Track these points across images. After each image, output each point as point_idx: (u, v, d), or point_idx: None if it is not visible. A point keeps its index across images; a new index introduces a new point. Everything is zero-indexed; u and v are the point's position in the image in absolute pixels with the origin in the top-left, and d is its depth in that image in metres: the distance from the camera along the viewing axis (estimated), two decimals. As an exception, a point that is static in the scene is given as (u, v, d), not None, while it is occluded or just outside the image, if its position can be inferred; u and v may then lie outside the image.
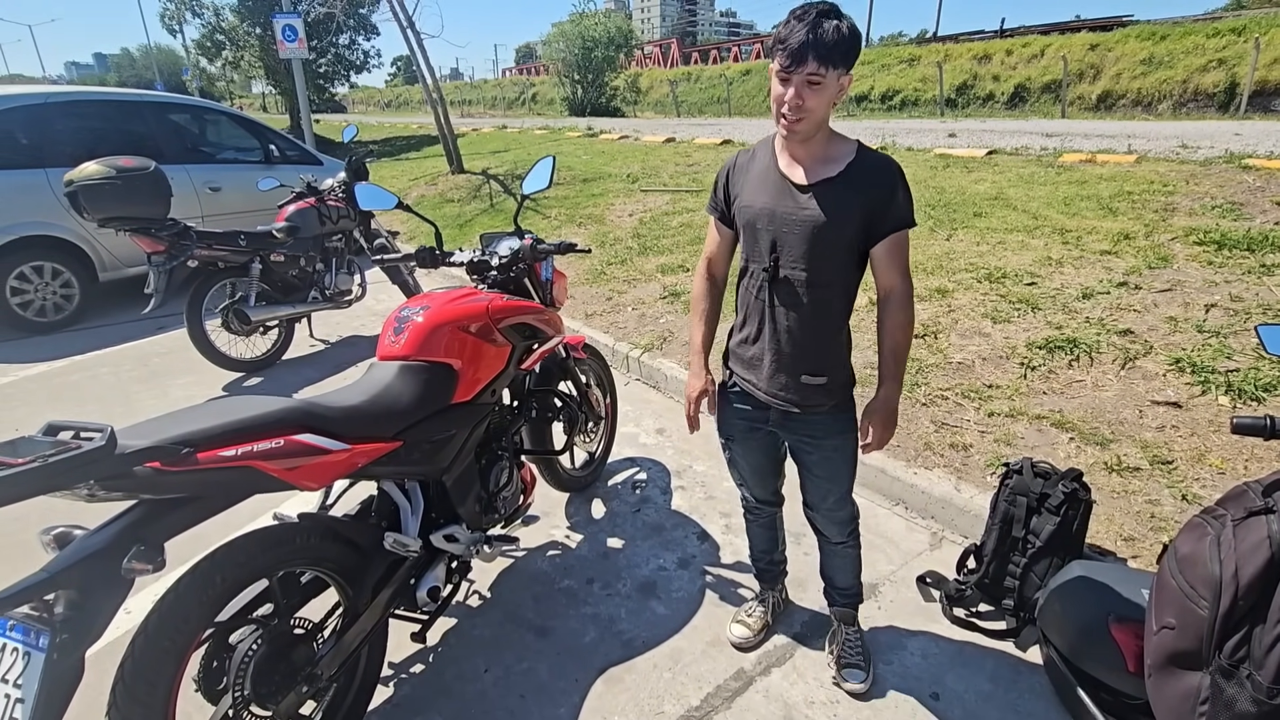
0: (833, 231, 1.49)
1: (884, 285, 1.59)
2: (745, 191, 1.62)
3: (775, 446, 1.85)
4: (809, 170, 1.52)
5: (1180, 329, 3.26)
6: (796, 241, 1.52)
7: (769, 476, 1.92)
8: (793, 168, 1.54)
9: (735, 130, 12.54)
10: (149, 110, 5.71)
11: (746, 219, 1.61)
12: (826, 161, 1.51)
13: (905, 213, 1.51)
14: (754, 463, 1.88)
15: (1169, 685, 1.31)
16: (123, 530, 1.20)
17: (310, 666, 1.51)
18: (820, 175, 1.50)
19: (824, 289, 1.56)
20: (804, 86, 1.37)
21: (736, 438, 1.85)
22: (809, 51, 1.33)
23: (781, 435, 1.77)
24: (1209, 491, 2.36)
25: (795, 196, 1.52)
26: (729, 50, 35.28)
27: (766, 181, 1.57)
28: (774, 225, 1.54)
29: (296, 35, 11.23)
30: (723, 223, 1.73)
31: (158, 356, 4.38)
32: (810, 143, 1.50)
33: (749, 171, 1.63)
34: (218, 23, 23.24)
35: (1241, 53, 14.06)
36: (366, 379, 1.72)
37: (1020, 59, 18.16)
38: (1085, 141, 8.08)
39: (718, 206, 1.73)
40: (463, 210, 8.21)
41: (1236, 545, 1.20)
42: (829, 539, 1.88)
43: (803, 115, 1.40)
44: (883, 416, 1.64)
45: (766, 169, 1.58)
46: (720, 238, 1.76)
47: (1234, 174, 5.22)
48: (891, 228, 1.51)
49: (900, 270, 1.56)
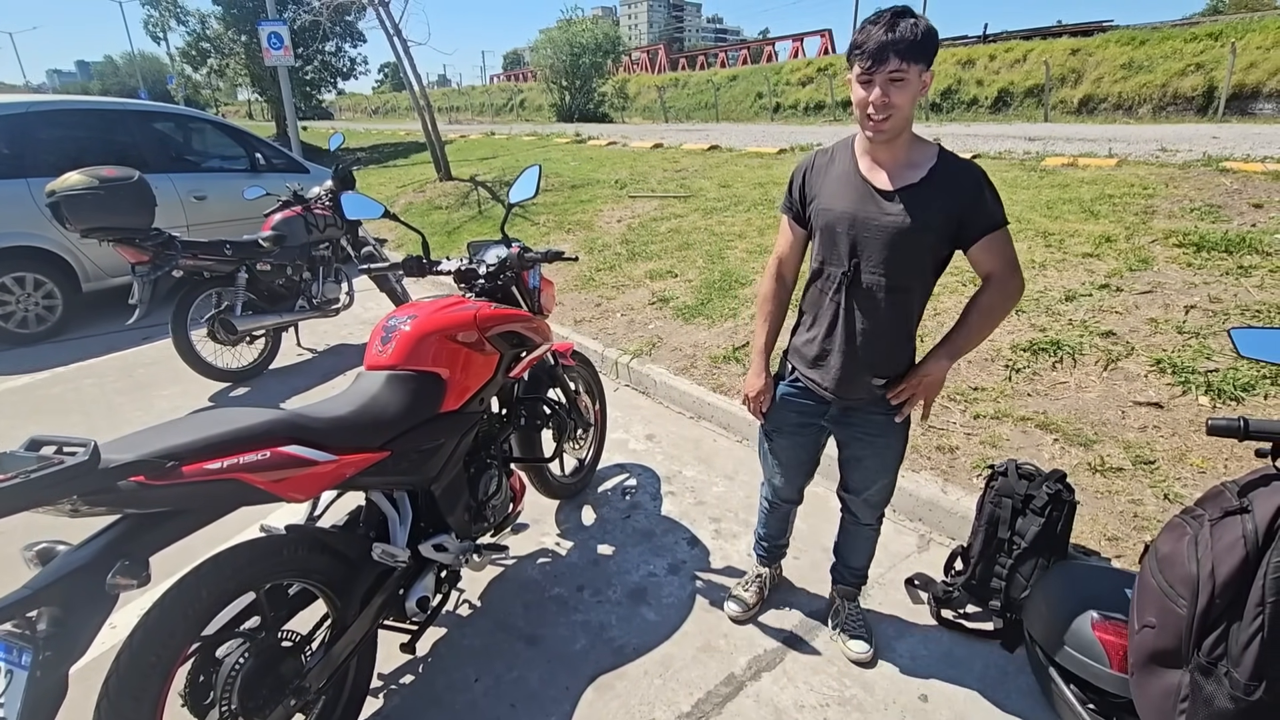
0: (916, 237, 1.51)
1: (985, 273, 1.60)
2: (824, 194, 1.63)
3: (818, 445, 1.91)
4: (893, 175, 1.53)
5: (1161, 330, 3.31)
6: (878, 246, 1.54)
7: (802, 475, 1.99)
8: (875, 172, 1.55)
9: (723, 135, 12.60)
10: (132, 119, 5.67)
11: (825, 222, 1.62)
12: (910, 166, 1.53)
13: (996, 214, 1.53)
14: (794, 458, 1.94)
15: (1151, 683, 1.33)
16: (107, 545, 1.20)
17: (298, 679, 1.50)
18: (904, 180, 1.52)
19: (903, 293, 1.59)
20: (888, 85, 1.40)
21: (785, 431, 1.89)
22: (889, 50, 1.37)
23: (835, 430, 1.82)
24: (1190, 491, 2.40)
25: (878, 201, 1.53)
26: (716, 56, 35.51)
27: (847, 185, 1.58)
28: (855, 229, 1.56)
29: (282, 43, 11.20)
30: (797, 223, 1.75)
31: (143, 367, 4.34)
32: (894, 146, 1.51)
33: (828, 174, 1.64)
34: (202, 30, 23.07)
35: (1219, 57, 14.32)
36: (354, 389, 1.71)
37: (1003, 64, 18.39)
38: (1067, 145, 8.19)
39: (793, 207, 1.74)
40: (450, 217, 8.19)
41: (1213, 545, 1.22)
42: (859, 520, 1.96)
43: (890, 113, 1.42)
44: (931, 390, 1.67)
45: (847, 172, 1.60)
46: (794, 237, 1.77)
47: (1212, 177, 5.31)
48: (982, 230, 1.53)
49: (1005, 262, 1.55)
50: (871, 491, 1.88)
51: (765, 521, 2.17)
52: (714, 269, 5.07)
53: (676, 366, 3.81)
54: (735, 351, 3.83)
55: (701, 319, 4.33)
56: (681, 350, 3.97)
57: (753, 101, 24.16)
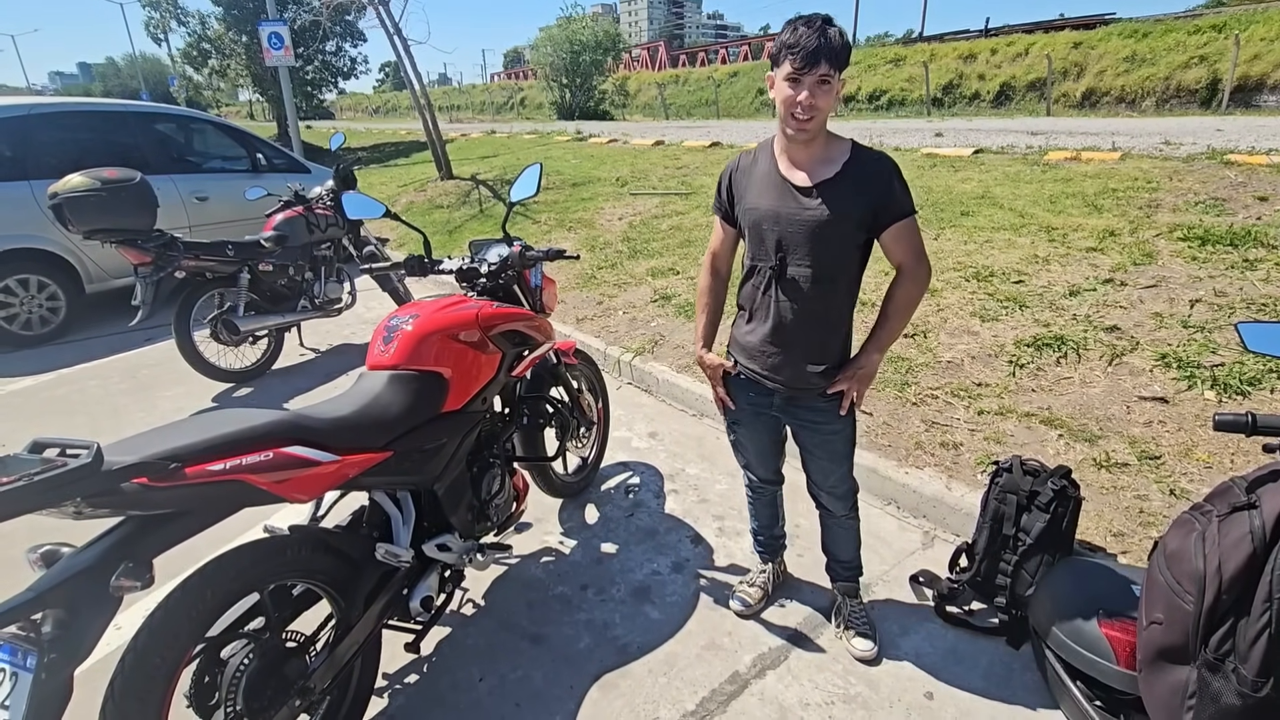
0: (834, 229, 1.59)
1: (896, 262, 1.69)
2: (749, 194, 1.71)
3: (778, 429, 1.99)
4: (810, 171, 1.62)
5: (1166, 325, 3.30)
6: (801, 240, 1.62)
7: (771, 456, 2.05)
8: (793, 171, 1.64)
9: (724, 132, 12.58)
10: (134, 120, 5.68)
11: (752, 220, 1.70)
12: (825, 162, 1.61)
13: (905, 203, 1.61)
14: (758, 444, 2.01)
15: (1159, 680, 1.33)
16: (110, 547, 1.20)
17: (303, 679, 1.51)
18: (820, 176, 1.60)
19: (828, 283, 1.66)
20: (815, 87, 1.47)
21: (742, 421, 1.98)
22: (821, 54, 1.45)
23: (785, 420, 1.89)
24: (1196, 486, 2.39)
25: (797, 198, 1.61)
26: (716, 52, 35.42)
27: (769, 184, 1.67)
28: (779, 226, 1.64)
29: (283, 43, 11.20)
30: (726, 222, 1.84)
31: (146, 368, 4.35)
32: (811, 145, 1.60)
33: (752, 175, 1.72)
34: (203, 31, 23.10)
35: (1222, 49, 14.24)
36: (356, 389, 1.71)
37: (1005, 58, 18.31)
38: (1070, 139, 8.15)
39: (721, 207, 1.83)
40: (452, 216, 8.19)
41: (1220, 540, 1.22)
42: (832, 513, 2.01)
43: (814, 114, 1.50)
44: (864, 381, 1.76)
45: (768, 172, 1.68)
46: (724, 235, 1.88)
47: (1216, 170, 5.28)
48: (893, 218, 1.61)
49: (911, 251, 1.65)
50: (832, 483, 1.93)
51: (755, 512, 2.20)
52: (716, 266, 5.05)
53: (679, 364, 3.80)
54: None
55: (704, 316, 4.31)
56: (684, 348, 3.97)
57: (754, 98, 24.10)
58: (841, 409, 1.78)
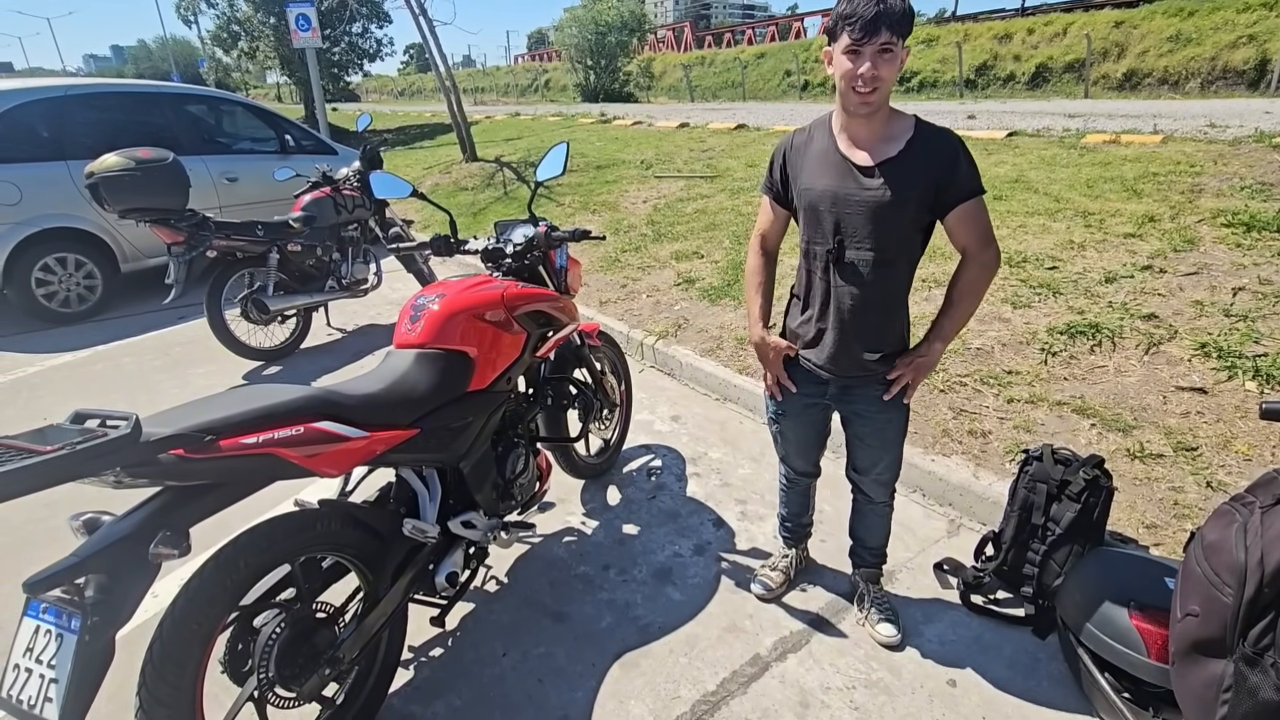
0: (898, 210, 1.52)
1: (959, 246, 1.61)
2: (805, 174, 1.63)
3: (825, 421, 1.94)
4: (871, 150, 1.54)
5: (1206, 313, 3.20)
6: (861, 222, 1.54)
7: (813, 449, 2.02)
8: (853, 149, 1.55)
9: (750, 114, 12.39)
10: (166, 102, 5.76)
11: (808, 201, 1.62)
12: (888, 140, 1.53)
13: (972, 181, 1.52)
14: (802, 436, 1.97)
15: (1192, 673, 1.30)
16: (149, 516, 1.23)
17: (332, 649, 1.54)
18: (883, 155, 1.52)
19: (888, 266, 1.59)
20: (877, 57, 1.39)
21: (789, 413, 1.92)
22: (882, 22, 1.35)
23: (837, 408, 1.84)
24: (1234, 478, 2.32)
25: (858, 178, 1.53)
26: (743, 33, 34.82)
27: (827, 164, 1.58)
28: (837, 207, 1.57)
29: (310, 24, 11.24)
30: (778, 203, 1.75)
31: (179, 346, 4.44)
32: (873, 121, 1.51)
33: (807, 153, 1.64)
34: (232, 13, 23.29)
35: (1273, 28, 13.63)
36: (384, 367, 1.73)
37: (1042, 38, 17.74)
38: (1109, 122, 7.89)
39: (773, 187, 1.74)
40: (476, 199, 8.21)
41: (1264, 532, 1.18)
42: (871, 499, 1.98)
43: (877, 85, 1.42)
44: (923, 370, 1.69)
45: (826, 150, 1.60)
46: (775, 217, 1.79)
47: (1264, 153, 5.08)
48: (959, 198, 1.52)
49: (979, 233, 1.56)
50: (879, 469, 1.89)
51: (786, 500, 2.18)
52: (740, 250, 5.01)
53: (702, 348, 3.78)
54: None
55: (728, 300, 4.29)
56: (707, 332, 3.94)
57: (780, 80, 23.69)
58: (889, 395, 1.72)
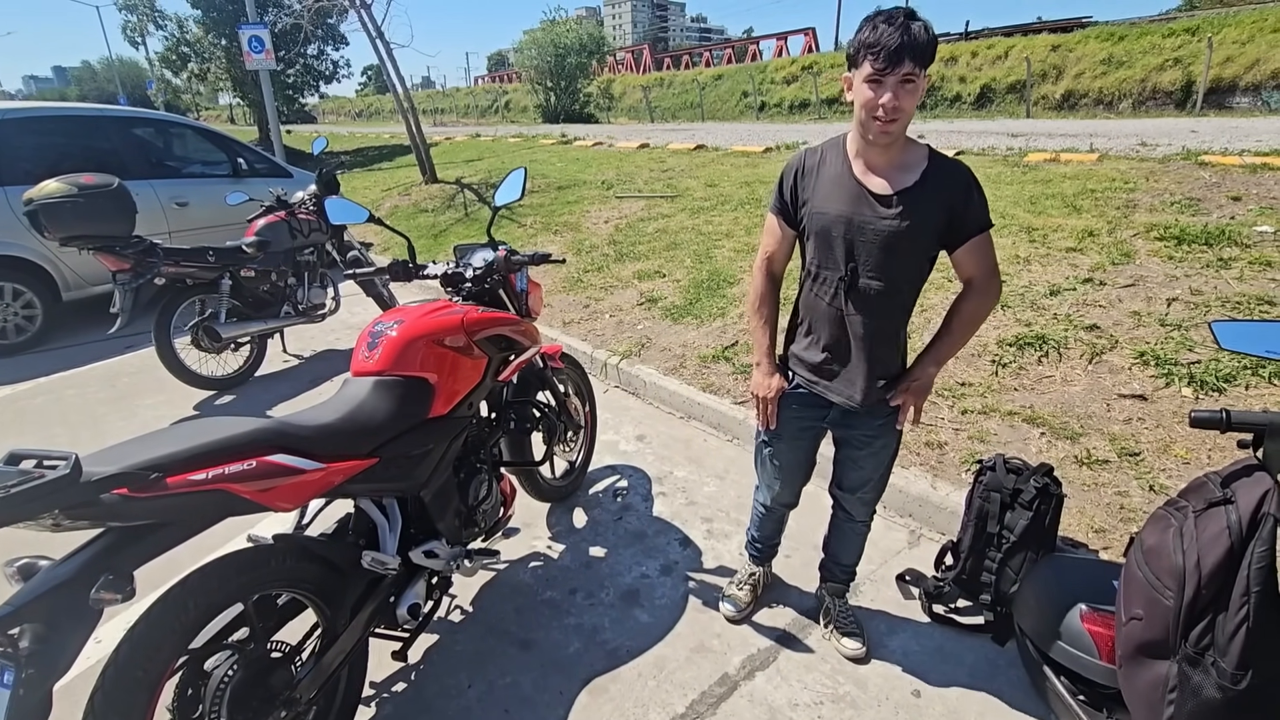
0: (913, 240, 1.52)
1: (966, 278, 1.62)
2: (817, 196, 1.60)
3: (816, 447, 1.93)
4: (888, 178, 1.52)
5: (1144, 323, 3.35)
6: (875, 250, 1.53)
7: (801, 477, 1.99)
8: (869, 176, 1.54)
9: (709, 135, 12.61)
10: (111, 125, 5.59)
11: (820, 225, 1.60)
12: (904, 169, 1.52)
13: (984, 216, 1.54)
14: (793, 461, 1.93)
15: (1139, 675, 1.34)
16: (90, 559, 1.18)
17: (289, 690, 1.49)
18: (900, 184, 1.51)
19: (898, 295, 1.60)
20: (899, 88, 1.38)
21: (784, 437, 1.88)
22: (905, 52, 1.35)
23: (834, 431, 1.83)
24: (1175, 481, 2.43)
25: (874, 205, 1.52)
26: (701, 55, 35.54)
27: (841, 188, 1.56)
28: (850, 233, 1.55)
29: (264, 46, 11.08)
30: (787, 224, 1.71)
31: (126, 376, 4.28)
32: (890, 149, 1.51)
33: (820, 175, 1.61)
34: (182, 35, 22.82)
35: (1196, 52, 14.50)
36: (340, 396, 1.70)
37: (985, 60, 18.53)
38: (1049, 141, 8.26)
39: (783, 208, 1.70)
40: (437, 220, 8.15)
41: (1198, 536, 1.24)
42: (852, 517, 1.98)
43: (898, 116, 1.41)
44: (921, 394, 1.70)
45: (840, 174, 1.57)
46: (783, 236, 1.73)
47: (1191, 170, 5.38)
48: (972, 231, 1.53)
49: (986, 266, 1.57)
50: (866, 489, 1.90)
51: (760, 525, 2.16)
52: (702, 268, 5.07)
53: (666, 367, 3.81)
54: (724, 351, 3.84)
55: (690, 319, 4.33)
56: (671, 350, 3.97)
57: (738, 100, 24.20)
58: (900, 423, 1.73)
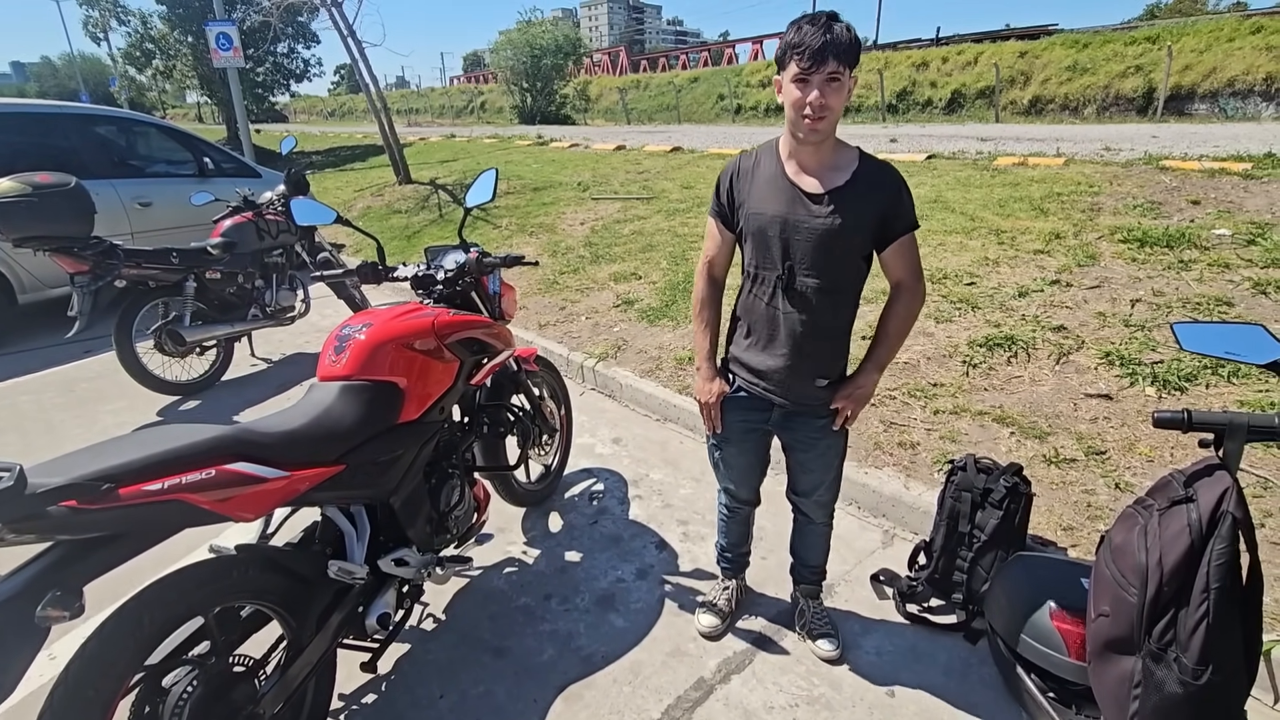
0: (847, 239, 1.54)
1: (894, 280, 1.66)
2: (753, 199, 1.62)
3: (766, 447, 1.95)
4: (820, 178, 1.55)
5: (1109, 324, 3.42)
6: (810, 249, 1.56)
7: (755, 476, 2.00)
8: (802, 176, 1.57)
9: (685, 137, 12.65)
10: (70, 123, 5.42)
11: (756, 226, 1.62)
12: (835, 169, 1.55)
13: (911, 216, 1.58)
14: (744, 463, 1.95)
15: (1106, 671, 1.36)
16: (36, 575, 1.13)
17: (252, 705, 1.45)
18: (831, 183, 1.54)
19: (836, 294, 1.61)
20: (825, 86, 1.42)
21: (732, 440, 1.89)
22: (829, 51, 1.39)
23: (779, 434, 1.84)
24: (1140, 479, 2.48)
25: (807, 205, 1.55)
26: (677, 58, 35.67)
27: (775, 189, 1.59)
28: (786, 233, 1.57)
29: (231, 43, 10.86)
30: (726, 227, 1.74)
31: (85, 382, 4.15)
32: (820, 149, 1.54)
33: (754, 178, 1.64)
34: (146, 31, 22.23)
35: (1156, 59, 14.95)
36: (306, 401, 1.66)
37: (955, 66, 18.89)
38: (1018, 145, 8.43)
39: (721, 211, 1.73)
40: (410, 221, 8.05)
41: (1160, 534, 1.26)
42: (812, 520, 1.99)
43: (826, 114, 1.44)
44: (862, 401, 1.72)
45: (774, 176, 1.60)
46: (723, 240, 1.76)
47: (1153, 174, 5.52)
48: (899, 231, 1.58)
49: (912, 268, 1.62)
50: (820, 492, 1.92)
51: (726, 529, 2.14)
52: (678, 270, 5.07)
53: (642, 369, 3.79)
54: (700, 353, 3.83)
55: (666, 321, 4.32)
56: (647, 353, 3.96)
57: (714, 103, 24.35)
58: (836, 425, 1.74)
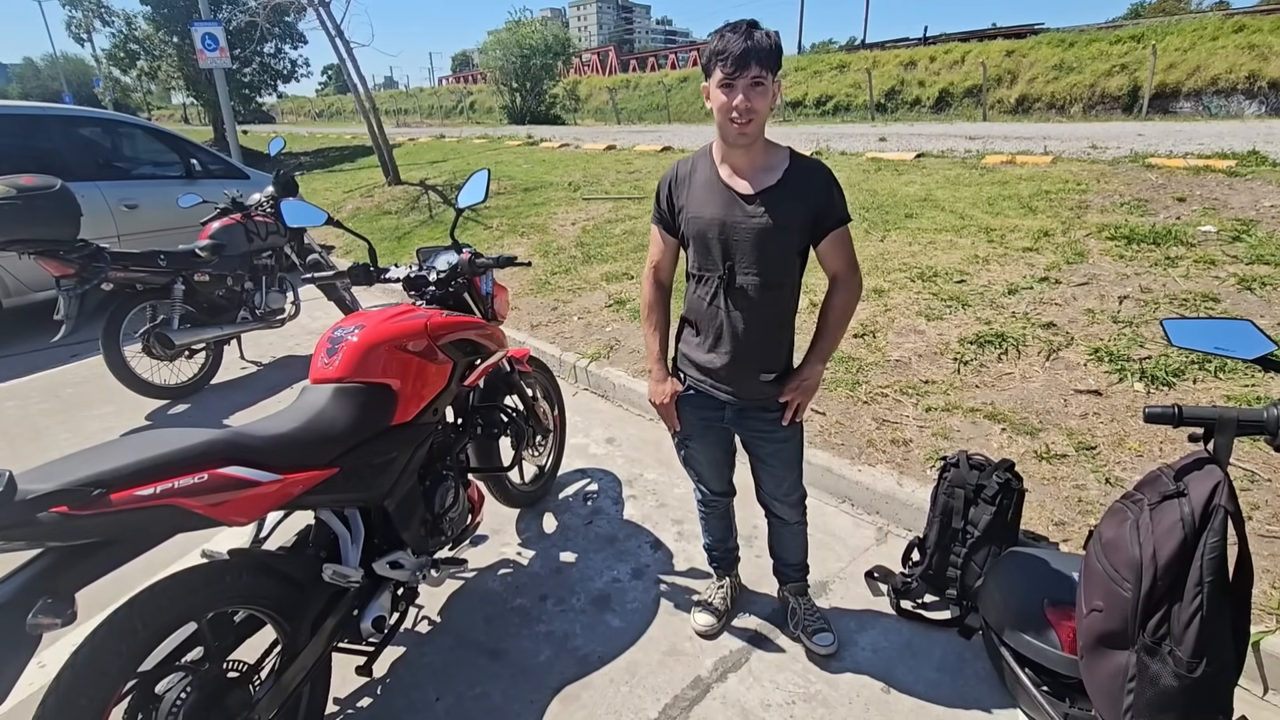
0: (780, 235, 1.60)
1: (831, 273, 1.71)
2: (691, 203, 1.68)
3: (729, 440, 1.97)
4: (752, 179, 1.61)
5: (1097, 320, 3.45)
6: (749, 248, 1.61)
7: (724, 468, 2.02)
8: (735, 178, 1.63)
9: (675, 137, 12.66)
10: (55, 124, 5.36)
11: (696, 230, 1.67)
12: (766, 170, 1.61)
13: (842, 211, 1.65)
14: (710, 457, 1.97)
15: (1099, 665, 1.37)
16: (27, 582, 1.11)
17: (247, 710, 1.43)
18: (763, 184, 1.60)
19: (776, 290, 1.66)
20: (750, 90, 1.47)
21: (694, 436, 1.92)
22: (750, 57, 1.45)
23: (736, 431, 1.88)
24: (1130, 474, 2.50)
25: (742, 206, 1.60)
26: (666, 58, 35.67)
27: (712, 192, 1.64)
28: (725, 234, 1.62)
29: (217, 44, 10.77)
30: (668, 232, 1.79)
31: (71, 387, 4.10)
32: (751, 151, 1.59)
33: (692, 183, 1.69)
34: (130, 32, 22.00)
35: (1141, 58, 15.09)
36: (298, 404, 1.64)
37: (943, 65, 18.99)
38: (1005, 143, 8.49)
39: (662, 217, 1.78)
40: (400, 222, 8.01)
41: (1153, 528, 1.27)
42: (784, 520, 2.00)
43: (752, 117, 1.50)
44: (808, 393, 1.76)
45: (710, 180, 1.66)
46: (665, 246, 1.81)
47: (1139, 172, 5.57)
48: (832, 226, 1.63)
49: (846, 260, 1.68)
50: (785, 490, 1.93)
51: (707, 525, 2.14)
52: (670, 270, 5.07)
53: (635, 369, 3.79)
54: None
55: (659, 320, 4.32)
56: (640, 352, 3.96)
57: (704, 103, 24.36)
58: (785, 419, 1.77)
